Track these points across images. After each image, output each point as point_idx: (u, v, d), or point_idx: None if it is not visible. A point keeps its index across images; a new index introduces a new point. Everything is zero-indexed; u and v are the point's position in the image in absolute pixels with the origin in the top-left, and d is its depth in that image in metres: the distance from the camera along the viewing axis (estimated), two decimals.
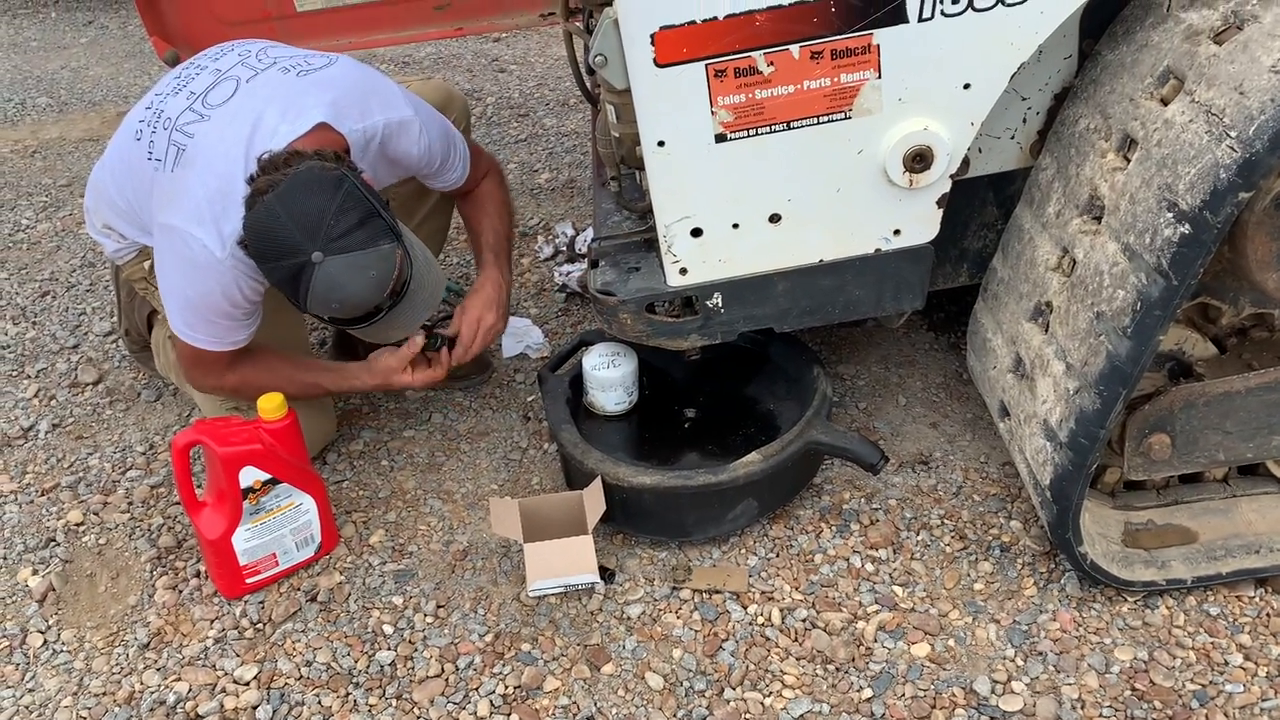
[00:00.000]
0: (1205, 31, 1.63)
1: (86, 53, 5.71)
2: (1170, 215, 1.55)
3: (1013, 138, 2.02)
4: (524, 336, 2.71)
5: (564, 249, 3.07)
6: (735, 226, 1.91)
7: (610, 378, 2.15)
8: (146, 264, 2.23)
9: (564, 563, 1.93)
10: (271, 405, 1.94)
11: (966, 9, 1.71)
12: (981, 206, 2.12)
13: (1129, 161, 1.70)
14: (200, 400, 2.34)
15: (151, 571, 2.10)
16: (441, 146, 2.18)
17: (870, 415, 2.39)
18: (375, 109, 2.05)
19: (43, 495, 2.33)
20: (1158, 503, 2.00)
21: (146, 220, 2.09)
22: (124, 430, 2.53)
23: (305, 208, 1.75)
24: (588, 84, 2.64)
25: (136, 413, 2.59)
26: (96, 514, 2.26)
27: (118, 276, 2.63)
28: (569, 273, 2.91)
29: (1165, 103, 1.66)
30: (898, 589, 1.95)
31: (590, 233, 3.08)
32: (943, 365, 2.54)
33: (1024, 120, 2.00)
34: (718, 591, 1.96)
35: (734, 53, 1.73)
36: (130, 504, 2.28)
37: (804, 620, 1.89)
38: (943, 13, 1.71)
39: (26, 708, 1.84)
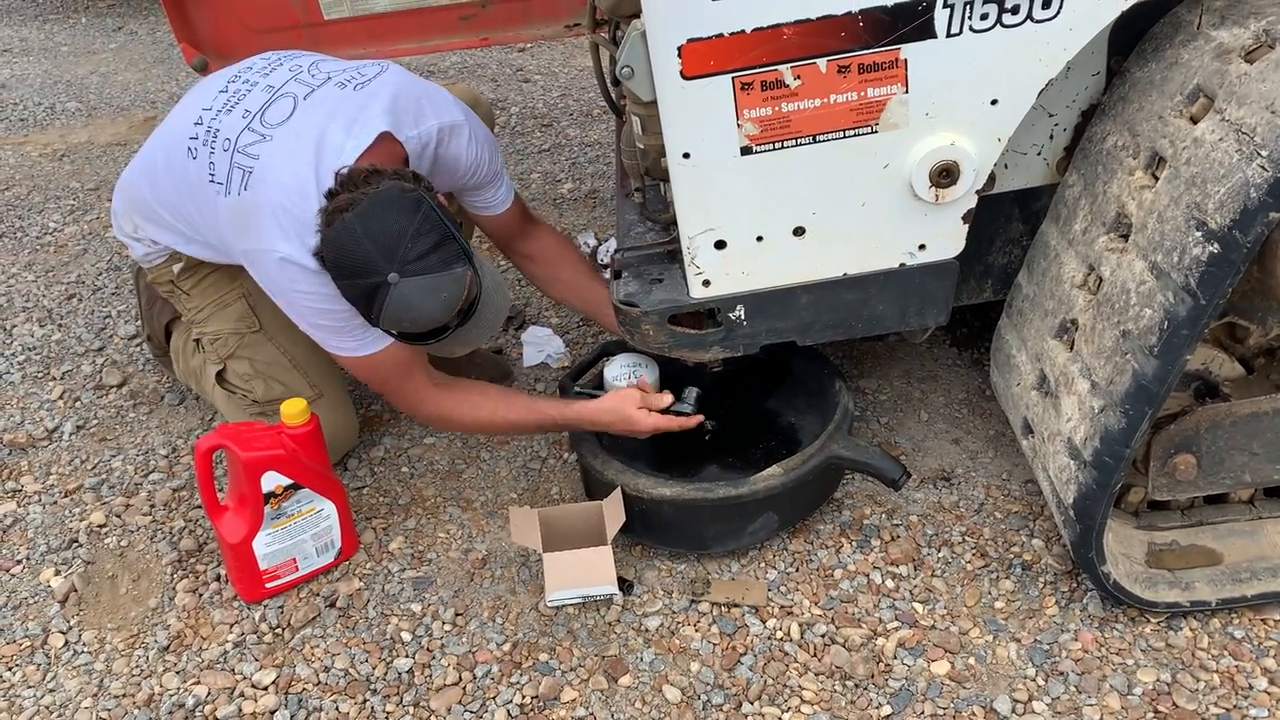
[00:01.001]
0: (1236, 50, 1.62)
1: (115, 58, 5.77)
2: (1199, 234, 1.54)
3: (1039, 154, 2.01)
4: (545, 346, 2.72)
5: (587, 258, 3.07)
6: (759, 239, 1.91)
7: None
8: (176, 267, 2.25)
9: (583, 573, 1.93)
10: (294, 410, 1.95)
11: (995, 25, 1.71)
12: (1007, 222, 2.11)
13: (1157, 180, 1.69)
14: (223, 405, 2.36)
15: (172, 574, 2.11)
16: (489, 157, 2.19)
17: (892, 430, 2.38)
18: (429, 113, 2.06)
19: (66, 496, 2.35)
20: (1182, 523, 1.99)
21: (213, 239, 2.09)
22: (147, 433, 2.55)
23: (384, 228, 1.76)
24: (613, 95, 2.64)
25: (160, 416, 2.61)
26: (119, 516, 2.28)
27: (139, 281, 2.66)
28: None
29: (1195, 121, 1.65)
30: (918, 606, 1.94)
31: (613, 243, 3.09)
32: (966, 381, 2.52)
33: (1051, 137, 2.00)
34: (736, 605, 1.95)
35: (761, 66, 1.73)
36: (152, 506, 2.30)
37: (823, 635, 1.88)
38: (971, 28, 1.71)
39: (47, 708, 1.85)
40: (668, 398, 2.10)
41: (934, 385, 2.52)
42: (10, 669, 1.93)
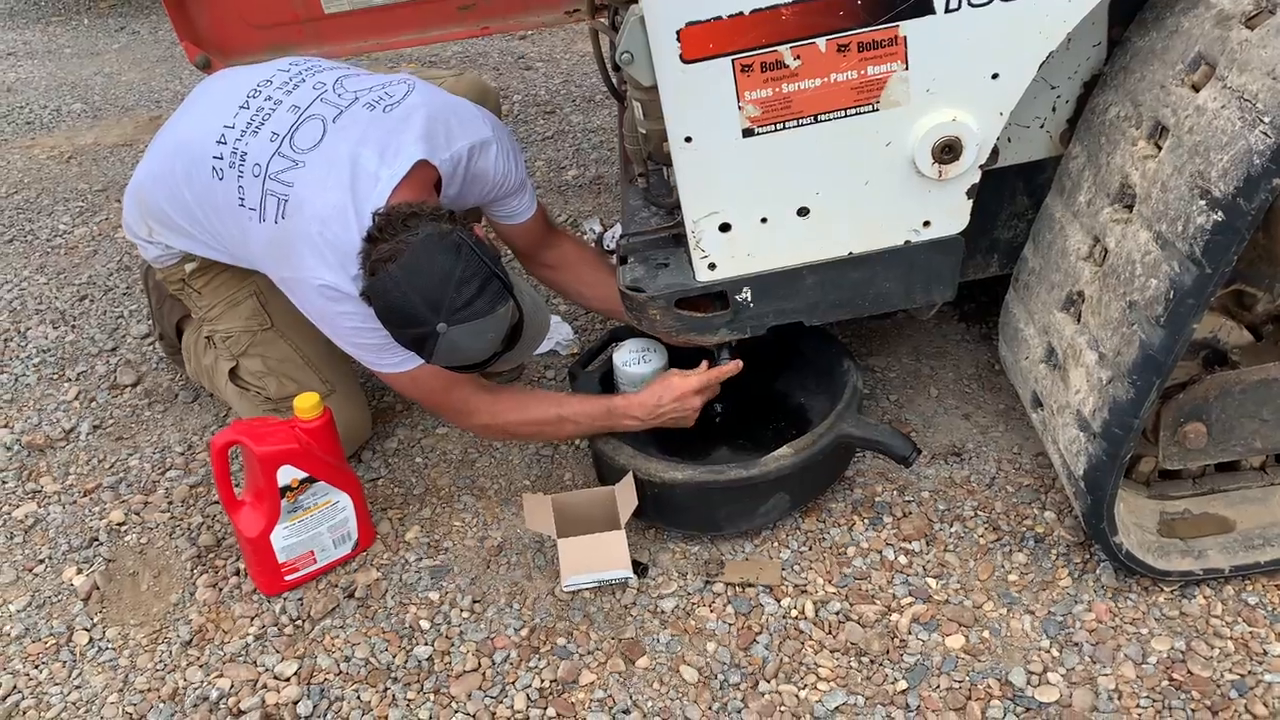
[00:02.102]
0: (1237, 16, 1.62)
1: (119, 58, 5.78)
2: (1203, 203, 1.54)
3: (1042, 126, 2.01)
4: (554, 333, 2.73)
5: (592, 245, 3.08)
6: (763, 221, 1.92)
7: (641, 373, 2.16)
8: (188, 266, 2.27)
9: (597, 558, 1.94)
10: (308, 405, 1.97)
11: None
12: (1011, 196, 2.11)
13: (1160, 149, 1.69)
14: (236, 403, 2.38)
15: (192, 570, 2.14)
16: (515, 167, 2.20)
17: (902, 407, 2.39)
18: (458, 133, 2.06)
19: (85, 496, 2.38)
20: (1194, 492, 1.99)
21: (242, 256, 2.12)
22: (163, 431, 2.57)
23: (428, 280, 1.78)
24: (614, 81, 2.64)
25: (174, 414, 2.63)
26: (138, 514, 2.30)
27: (148, 280, 2.68)
28: None
29: (1196, 89, 1.65)
30: (931, 581, 1.95)
31: (618, 229, 3.09)
32: (974, 356, 2.53)
33: (1053, 109, 1.99)
34: (751, 585, 1.97)
35: (760, 47, 1.73)
36: (170, 503, 2.32)
37: (837, 613, 1.90)
38: (969, 3, 1.70)
39: (74, 704, 1.88)
40: (703, 367, 2.09)
41: (943, 361, 2.52)
42: (37, 667, 1.96)
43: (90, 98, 5.13)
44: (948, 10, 1.71)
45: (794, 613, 1.91)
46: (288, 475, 1.95)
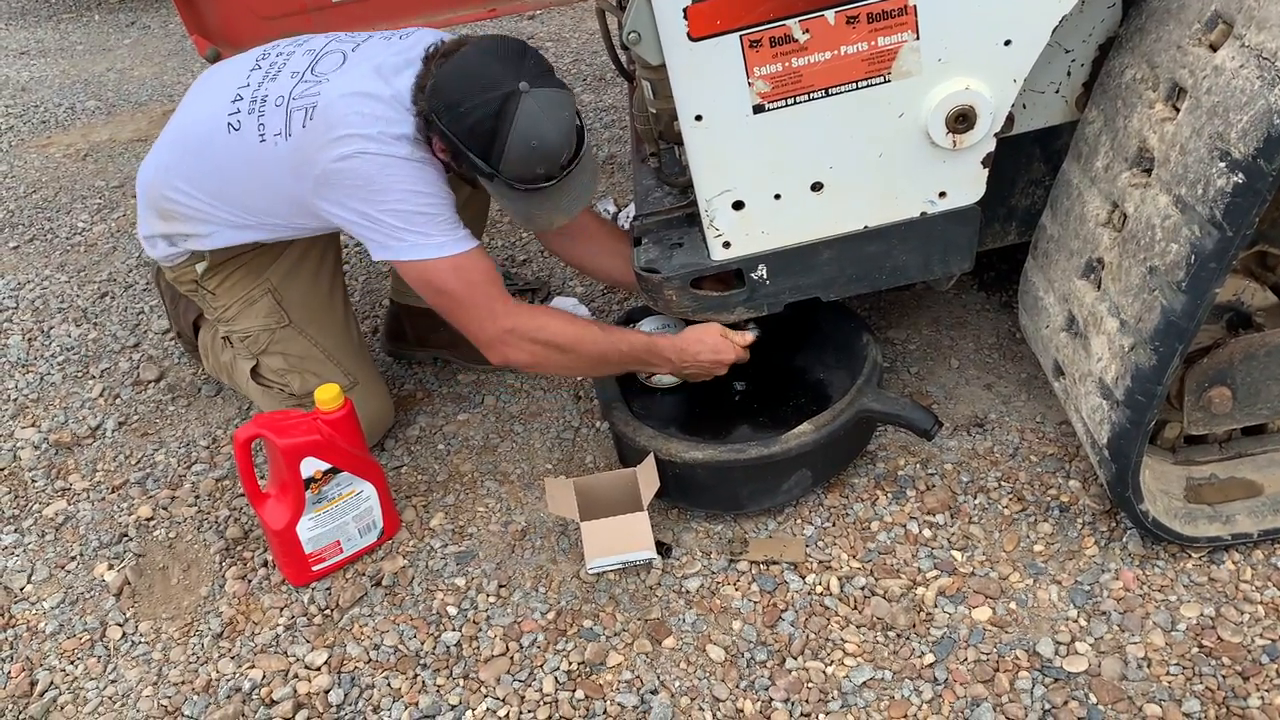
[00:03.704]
0: None
1: (130, 54, 5.80)
2: (1222, 165, 1.51)
3: (1057, 91, 1.98)
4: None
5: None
6: (777, 197, 1.90)
7: None
8: (199, 266, 2.27)
9: (621, 540, 1.95)
10: (329, 396, 1.98)
11: None
12: (1028, 163, 2.09)
13: (1178, 111, 1.66)
14: (259, 399, 2.39)
15: (221, 562, 2.16)
16: None
17: (923, 379, 2.37)
18: None
19: (113, 492, 2.40)
20: (1220, 456, 1.97)
21: (269, 202, 2.07)
22: (187, 425, 2.59)
23: (505, 51, 1.86)
24: (622, 60, 2.63)
25: (198, 408, 2.65)
26: (165, 508, 2.32)
27: (159, 280, 2.69)
28: None
29: (1214, 49, 1.62)
30: (956, 554, 1.94)
31: (632, 210, 3.08)
32: (995, 325, 2.51)
33: (1068, 73, 1.96)
34: (775, 562, 1.97)
35: (768, 22, 1.72)
36: (197, 497, 2.34)
37: (863, 588, 1.90)
38: None
39: (110, 698, 1.91)
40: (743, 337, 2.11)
41: (963, 331, 2.50)
42: (73, 663, 1.98)
43: (104, 94, 5.15)
44: None
45: (819, 589, 1.91)
46: (311, 467, 1.97)
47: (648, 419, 2.10)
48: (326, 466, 1.99)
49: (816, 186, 1.90)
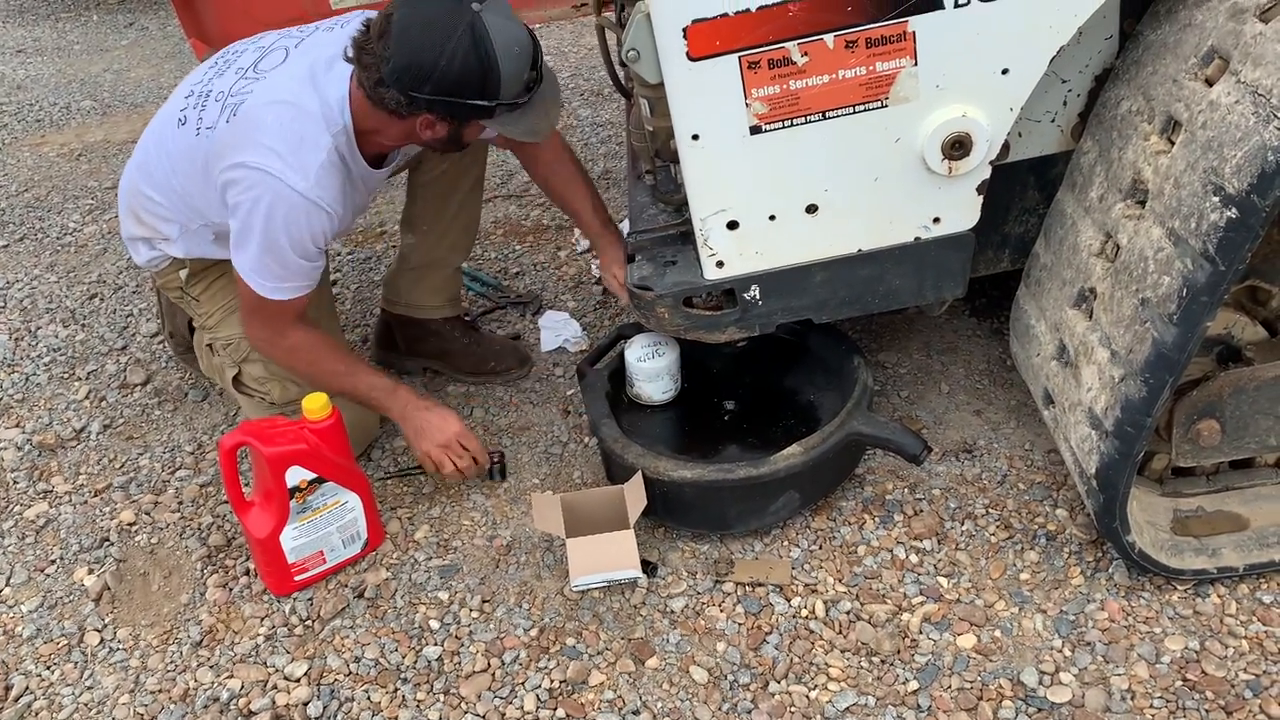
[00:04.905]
0: (1251, 9, 1.59)
1: (128, 54, 5.79)
2: (1216, 199, 1.52)
3: (1053, 121, 1.99)
4: (562, 330, 2.72)
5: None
6: (772, 218, 1.91)
7: (656, 367, 2.16)
8: (182, 273, 2.26)
9: (606, 558, 1.94)
10: (316, 405, 1.97)
11: None
12: (1022, 191, 2.09)
13: (1173, 144, 1.67)
14: (244, 406, 2.37)
15: (202, 570, 2.14)
16: None
17: (913, 404, 2.37)
18: None
19: (96, 496, 2.38)
20: (1207, 489, 1.97)
21: (201, 197, 2.09)
22: (172, 430, 2.57)
23: None
24: (620, 77, 2.63)
25: (184, 413, 2.63)
26: (148, 514, 2.30)
27: (156, 285, 2.67)
28: None
29: (1210, 83, 1.63)
30: (942, 580, 1.94)
31: (627, 226, 3.08)
32: (986, 351, 2.51)
33: (1064, 103, 1.97)
34: (760, 584, 1.96)
35: (768, 44, 1.72)
36: (180, 503, 2.33)
37: (848, 613, 1.89)
38: None
39: (86, 705, 1.88)
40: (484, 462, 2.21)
41: (954, 357, 2.50)
42: (49, 668, 1.96)
43: (99, 94, 5.14)
44: (957, 5, 1.70)
45: (804, 612, 1.90)
46: (296, 476, 1.95)
47: (636, 436, 2.10)
48: (312, 476, 1.97)
49: (811, 209, 1.90)
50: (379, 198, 3.43)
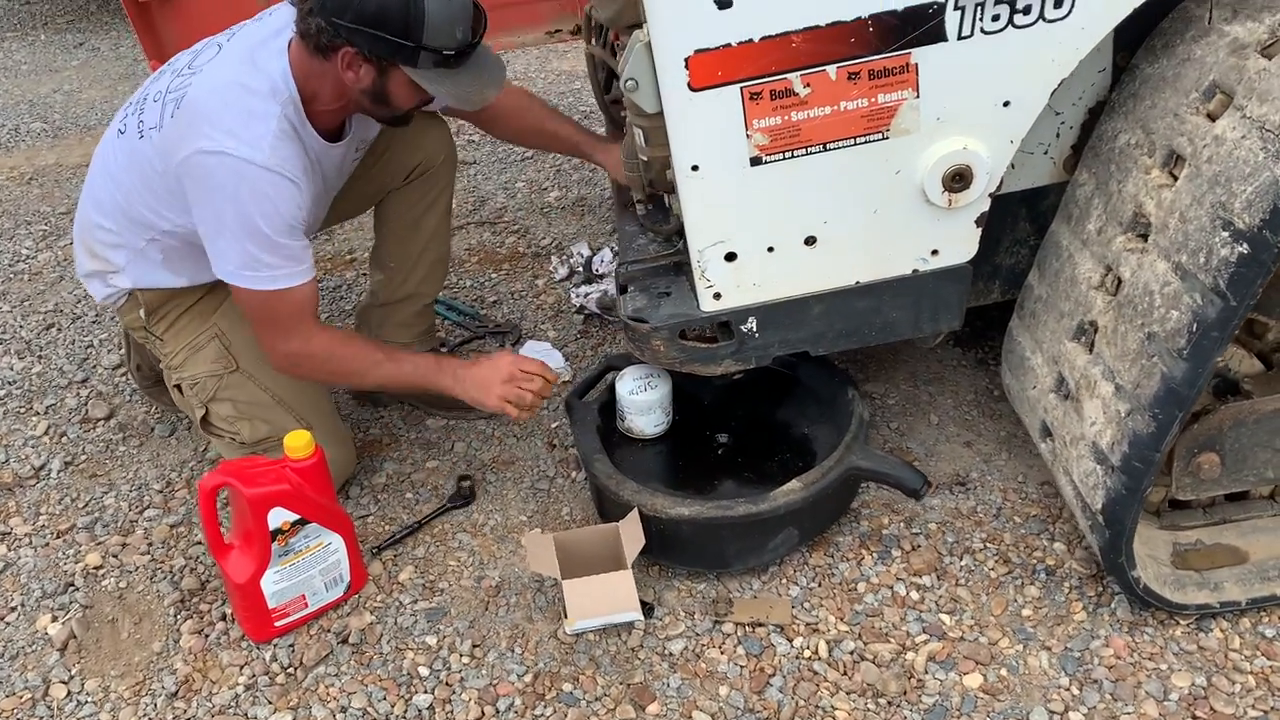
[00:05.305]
0: (1252, 45, 1.60)
1: (79, 75, 5.65)
2: (1226, 234, 1.51)
3: (1046, 153, 1.99)
4: (545, 360, 2.65)
5: (580, 269, 3.02)
6: (770, 250, 1.87)
7: (648, 400, 2.11)
8: (140, 311, 2.18)
9: (605, 600, 1.88)
10: (299, 444, 1.89)
11: (1007, 26, 1.67)
12: (1014, 222, 2.09)
13: (1176, 178, 1.67)
14: (215, 443, 2.27)
15: (176, 615, 2.05)
16: None
17: (903, 435, 2.35)
18: None
19: (58, 538, 2.27)
20: (1204, 521, 1.97)
21: (147, 204, 2.03)
22: (139, 467, 2.47)
23: None
24: (607, 104, 2.60)
25: (151, 448, 2.53)
26: (116, 556, 2.20)
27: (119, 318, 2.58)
28: (587, 294, 2.86)
29: (1213, 118, 1.63)
30: (945, 617, 1.91)
31: (606, 253, 3.05)
32: (972, 381, 2.50)
33: (1058, 135, 1.97)
34: (761, 624, 1.91)
35: (770, 75, 1.69)
36: (150, 545, 2.23)
37: (851, 652, 1.85)
38: (983, 30, 1.68)
39: None
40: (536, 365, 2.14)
41: (941, 387, 2.49)
42: None
43: (50, 116, 5.00)
44: (960, 37, 1.68)
45: (807, 653, 1.86)
46: (279, 518, 1.87)
47: (627, 471, 2.04)
48: (294, 517, 1.90)
49: (810, 240, 1.87)
50: (347, 224, 3.36)
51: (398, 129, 2.18)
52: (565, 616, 1.91)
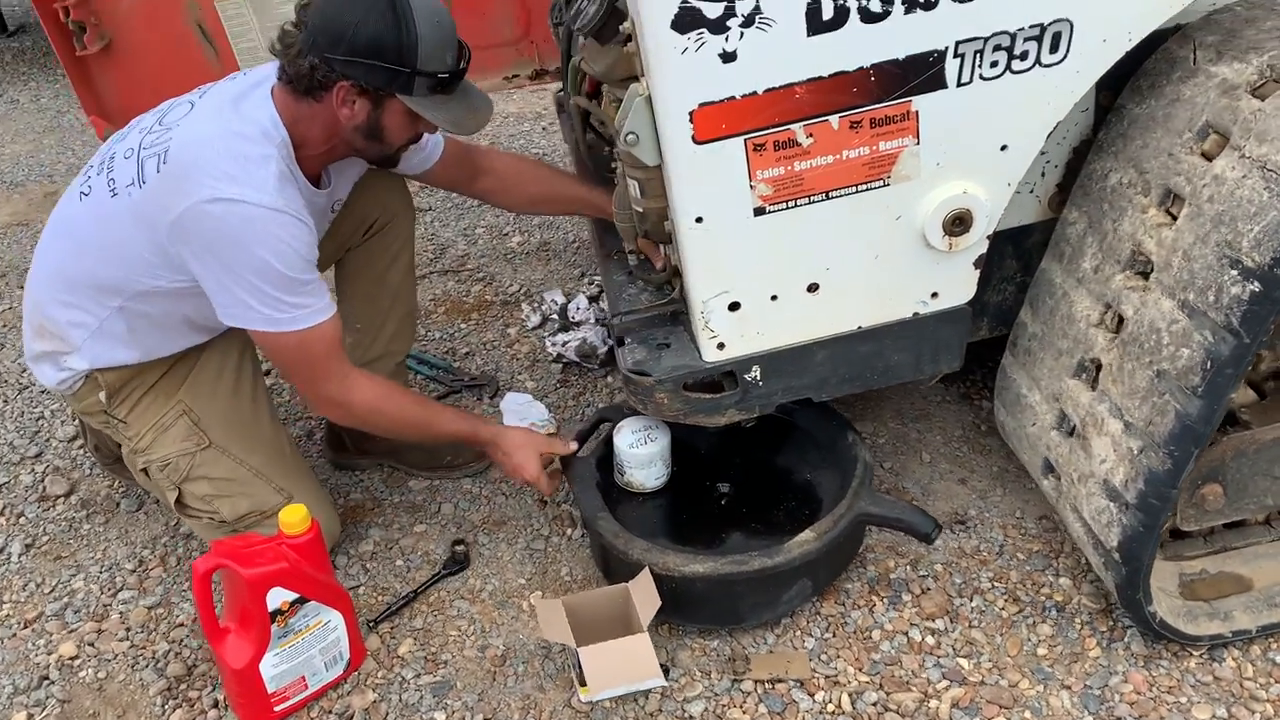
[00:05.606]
0: (1242, 85, 1.63)
1: (0, 129, 5.44)
2: (1234, 272, 1.54)
3: (1031, 192, 2.02)
4: (526, 413, 2.60)
5: (554, 316, 2.98)
6: (774, 298, 1.86)
7: (649, 453, 2.07)
8: (100, 395, 2.07)
9: (624, 666, 1.82)
10: (295, 518, 1.82)
11: (1004, 72, 1.69)
12: (1000, 260, 2.10)
13: (1174, 217, 1.69)
14: (192, 525, 2.16)
15: (163, 705, 1.94)
16: None
17: (898, 475, 2.34)
18: None
19: (26, 628, 2.14)
20: (1206, 550, 1.99)
21: (119, 265, 1.94)
22: (107, 546, 2.35)
23: None
24: (585, 155, 2.57)
25: (118, 525, 2.41)
26: (92, 644, 2.08)
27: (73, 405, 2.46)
28: (565, 342, 2.82)
29: (1208, 157, 1.66)
30: (963, 661, 1.89)
31: (581, 299, 3.01)
32: (959, 417, 2.51)
33: (1043, 174, 2.00)
34: (781, 680, 1.88)
35: (773, 126, 1.68)
36: (128, 630, 2.11)
37: (875, 704, 1.82)
38: (981, 76, 1.69)
39: None
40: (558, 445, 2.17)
41: (929, 424, 2.50)
42: None
43: None
44: (960, 84, 1.69)
45: (830, 707, 1.83)
46: (278, 598, 1.79)
47: (630, 527, 2.00)
48: (294, 596, 1.81)
49: (813, 287, 1.86)
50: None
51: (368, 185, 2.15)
52: (579, 684, 1.85)
